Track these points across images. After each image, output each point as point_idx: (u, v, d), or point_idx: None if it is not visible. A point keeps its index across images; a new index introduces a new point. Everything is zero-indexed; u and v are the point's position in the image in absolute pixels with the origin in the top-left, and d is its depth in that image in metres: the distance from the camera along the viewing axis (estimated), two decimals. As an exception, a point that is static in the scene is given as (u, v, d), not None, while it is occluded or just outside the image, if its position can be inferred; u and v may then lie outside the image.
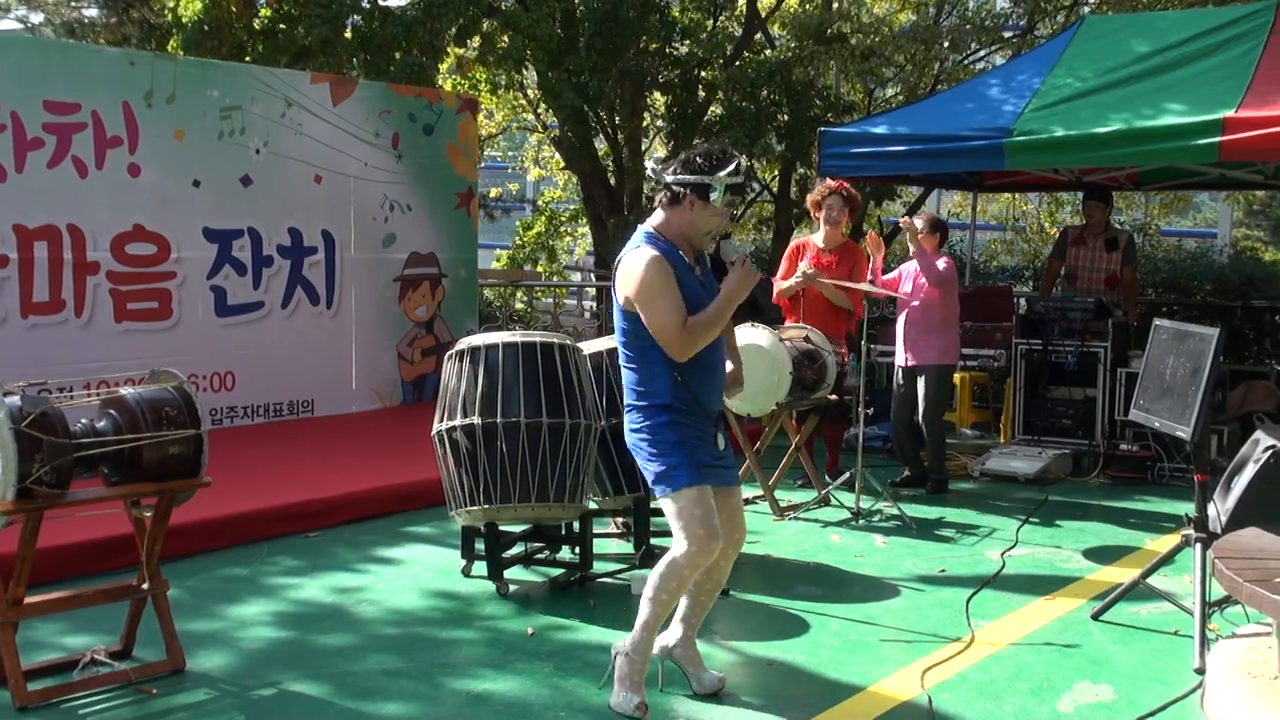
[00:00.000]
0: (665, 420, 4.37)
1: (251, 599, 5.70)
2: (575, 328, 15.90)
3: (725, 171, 4.36)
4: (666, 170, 4.44)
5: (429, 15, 12.29)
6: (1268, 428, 6.14)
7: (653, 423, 4.38)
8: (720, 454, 4.49)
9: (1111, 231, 9.86)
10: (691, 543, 4.30)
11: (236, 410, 9.63)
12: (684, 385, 4.36)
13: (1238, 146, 7.68)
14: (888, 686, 4.69)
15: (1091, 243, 9.74)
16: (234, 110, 9.55)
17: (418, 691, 4.58)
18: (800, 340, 7.71)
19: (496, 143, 21.35)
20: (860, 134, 9.41)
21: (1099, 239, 9.72)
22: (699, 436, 4.42)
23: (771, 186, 16.72)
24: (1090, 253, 9.72)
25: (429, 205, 11.14)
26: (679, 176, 4.39)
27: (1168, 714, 4.44)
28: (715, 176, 4.36)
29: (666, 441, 4.36)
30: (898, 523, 7.36)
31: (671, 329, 4.26)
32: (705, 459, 4.40)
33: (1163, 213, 20.34)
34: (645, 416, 4.40)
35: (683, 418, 4.38)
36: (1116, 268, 9.67)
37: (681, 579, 4.37)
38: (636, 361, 4.41)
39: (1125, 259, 9.70)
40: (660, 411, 4.37)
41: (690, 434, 4.39)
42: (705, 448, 4.43)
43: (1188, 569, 5.29)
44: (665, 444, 4.36)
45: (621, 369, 4.51)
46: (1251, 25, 8.69)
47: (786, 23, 16.49)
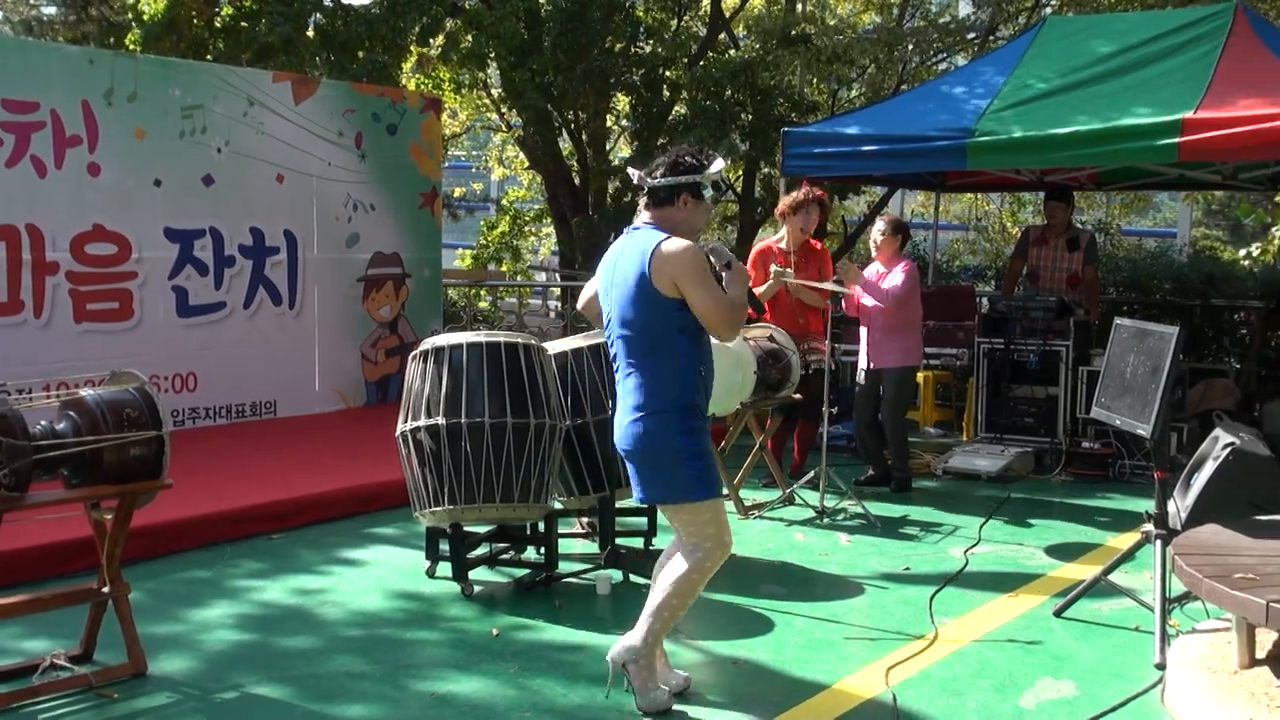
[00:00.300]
0: (694, 424, 4.39)
1: (214, 602, 5.66)
2: (540, 328, 15.88)
3: (713, 169, 4.47)
4: (654, 173, 4.47)
5: (392, 14, 12.25)
6: (1226, 425, 6.21)
7: (683, 426, 4.36)
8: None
9: (1073, 231, 9.92)
10: (719, 549, 4.40)
11: (198, 411, 9.56)
12: (700, 385, 4.40)
13: (1196, 147, 7.76)
14: (852, 684, 4.71)
15: (1053, 242, 9.80)
16: (195, 109, 9.48)
17: (382, 693, 4.56)
18: (765, 340, 7.73)
19: (460, 142, 21.32)
20: (824, 134, 9.44)
21: (1061, 239, 9.78)
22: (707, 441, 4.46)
23: (736, 187, 16.75)
24: (1052, 252, 9.78)
25: (393, 205, 11.09)
26: (672, 179, 4.43)
27: (1129, 709, 4.48)
28: (705, 174, 4.44)
29: (699, 447, 4.39)
30: (862, 521, 7.39)
31: (725, 306, 4.31)
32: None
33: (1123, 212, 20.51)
34: (672, 421, 4.36)
35: (698, 421, 4.42)
36: (1078, 267, 9.73)
37: (699, 587, 4.46)
38: (657, 359, 4.37)
39: (1087, 258, 9.77)
40: (688, 414, 4.38)
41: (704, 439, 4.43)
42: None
43: (1148, 565, 5.33)
44: (698, 450, 4.38)
45: (630, 372, 4.42)
46: (1210, 27, 8.78)
47: (751, 24, 16.53)
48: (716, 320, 4.32)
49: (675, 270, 4.28)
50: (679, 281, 4.29)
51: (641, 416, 4.37)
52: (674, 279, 4.29)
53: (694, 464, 4.35)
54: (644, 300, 4.34)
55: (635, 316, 4.37)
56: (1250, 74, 8.20)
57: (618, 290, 4.42)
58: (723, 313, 4.30)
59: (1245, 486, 5.71)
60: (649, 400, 4.36)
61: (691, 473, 4.35)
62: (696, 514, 4.38)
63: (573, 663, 4.90)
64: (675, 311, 4.32)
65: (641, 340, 4.38)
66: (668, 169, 4.44)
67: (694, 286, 4.28)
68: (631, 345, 4.40)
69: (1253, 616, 4.13)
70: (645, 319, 4.36)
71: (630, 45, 14.30)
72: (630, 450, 4.44)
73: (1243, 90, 7.97)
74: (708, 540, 4.38)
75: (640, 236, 4.43)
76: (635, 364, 4.40)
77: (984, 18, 15.57)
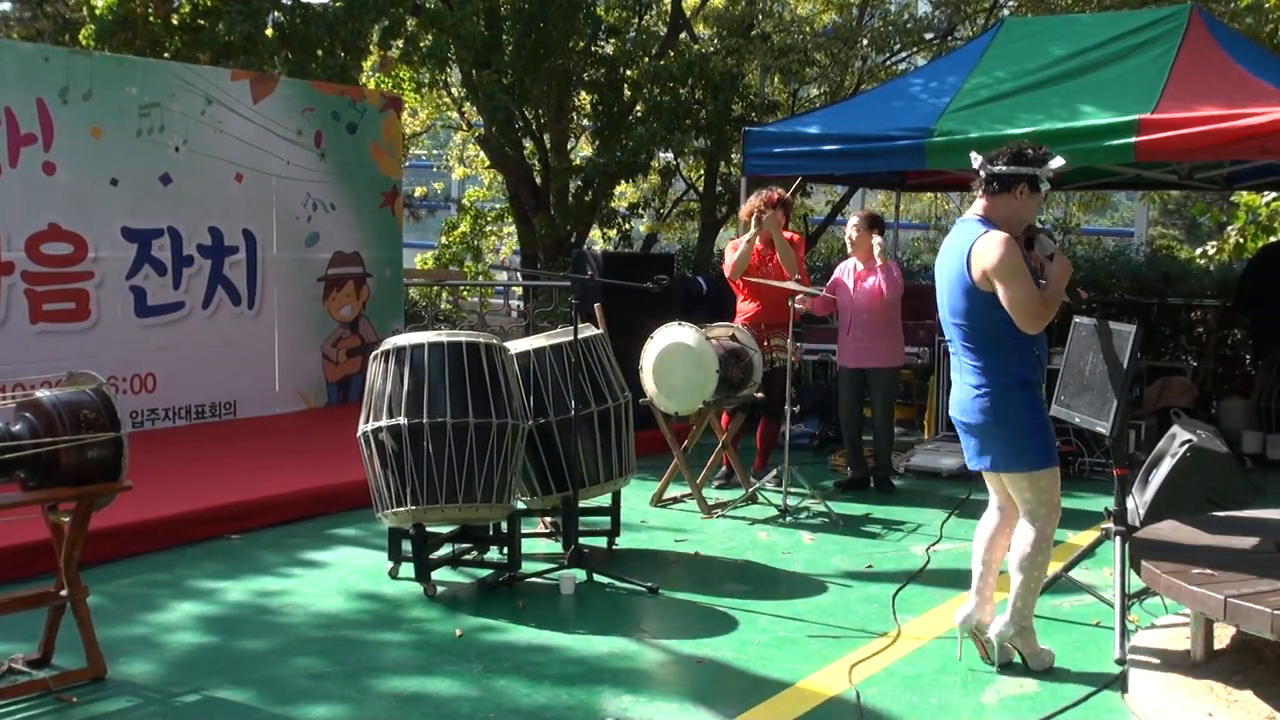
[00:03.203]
0: (1029, 399, 4.69)
1: (174, 604, 5.61)
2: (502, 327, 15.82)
3: (1054, 164, 4.74)
4: (997, 161, 4.75)
5: (351, 14, 12.18)
6: (1184, 422, 6.28)
7: (1022, 399, 4.68)
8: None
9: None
10: (1055, 513, 4.76)
11: (157, 412, 9.48)
12: (1035, 360, 4.70)
13: (1153, 147, 7.84)
14: (816, 682, 4.73)
15: None
16: (153, 107, 9.39)
17: (344, 695, 4.54)
18: (727, 339, 7.75)
19: (421, 141, 21.22)
20: (784, 133, 9.47)
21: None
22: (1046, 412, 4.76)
23: (697, 185, 16.77)
24: None
25: (353, 204, 11.04)
26: (1012, 168, 4.72)
27: (1089, 704, 4.52)
28: (1045, 168, 4.73)
29: (1039, 420, 4.70)
30: (825, 519, 7.42)
31: (1034, 300, 4.58)
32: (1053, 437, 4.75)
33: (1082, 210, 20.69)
34: (1014, 395, 4.67)
35: (1038, 394, 4.72)
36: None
37: (1050, 549, 4.78)
38: (993, 344, 4.68)
39: None
40: (1024, 389, 4.69)
41: (1045, 410, 4.76)
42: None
43: (1108, 562, 5.38)
44: (1038, 423, 4.69)
45: (967, 353, 4.75)
46: (1166, 29, 8.87)
47: (710, 19, 16.56)
48: (1022, 316, 4.59)
49: (985, 264, 4.61)
50: (992, 277, 4.59)
51: (986, 392, 4.70)
52: (983, 271, 4.61)
53: (1039, 435, 4.67)
54: (965, 294, 4.68)
55: (961, 307, 4.71)
56: (1205, 75, 8.29)
57: (944, 282, 4.79)
58: (1030, 308, 4.58)
59: (1202, 482, 5.79)
60: (990, 377, 4.69)
61: (1037, 442, 4.66)
62: (1037, 480, 4.68)
63: (536, 663, 4.89)
64: (996, 304, 4.62)
65: (972, 330, 4.70)
66: (1011, 158, 4.72)
67: (1005, 279, 4.58)
68: (964, 333, 4.74)
69: (1211, 612, 4.18)
70: (970, 310, 4.68)
71: (591, 44, 14.29)
72: (974, 424, 4.74)
73: (1198, 91, 8.06)
74: (1045, 506, 4.71)
75: (962, 231, 4.77)
76: (971, 348, 4.73)
77: (942, 18, 15.65)
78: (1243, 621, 4.01)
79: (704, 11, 16.80)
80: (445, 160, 23.38)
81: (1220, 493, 5.79)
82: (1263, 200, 13.21)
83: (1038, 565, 4.75)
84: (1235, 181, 10.85)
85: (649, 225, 18.42)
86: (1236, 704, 4.19)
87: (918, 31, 15.51)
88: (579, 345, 6.33)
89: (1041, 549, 4.74)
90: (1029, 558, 4.75)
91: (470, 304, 18.07)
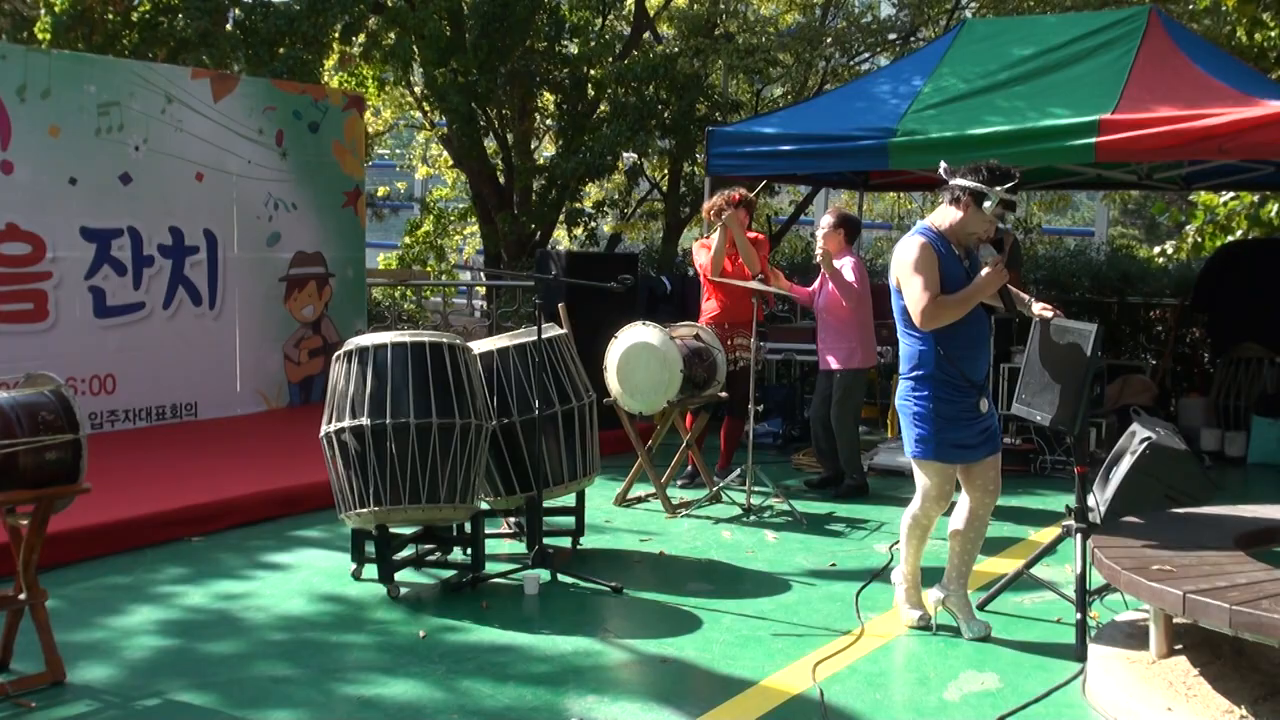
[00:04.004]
0: (923, 391, 5.05)
1: (134, 608, 5.56)
2: (465, 327, 15.78)
3: (1002, 186, 4.99)
4: (955, 173, 5.06)
5: (312, 10, 12.11)
6: (1144, 420, 6.33)
7: (917, 390, 5.07)
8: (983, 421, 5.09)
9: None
10: (933, 506, 5.17)
11: (117, 414, 9.39)
12: (946, 359, 5.00)
13: (1113, 147, 7.90)
14: (780, 680, 4.74)
15: None
16: (112, 106, 9.31)
17: (307, 698, 4.51)
18: (691, 338, 7.75)
19: (384, 140, 21.11)
20: (748, 133, 9.48)
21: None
22: (959, 410, 5.03)
23: (661, 184, 16.78)
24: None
25: (315, 204, 10.98)
26: (963, 181, 5.02)
27: (1051, 700, 4.55)
28: (992, 189, 4.99)
29: (925, 412, 5.04)
30: (788, 518, 7.44)
31: (918, 303, 4.94)
32: (958, 435, 5.04)
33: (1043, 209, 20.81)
34: (911, 385, 5.10)
35: (944, 391, 5.01)
36: None
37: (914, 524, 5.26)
38: (909, 337, 5.09)
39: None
40: (922, 382, 5.06)
41: (953, 408, 5.02)
42: (962, 421, 5.04)
43: (1069, 559, 5.42)
44: (923, 414, 5.04)
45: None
46: (1126, 30, 8.93)
47: (673, 18, 16.57)
48: (915, 313, 4.97)
49: (898, 265, 5.03)
50: (898, 275, 5.02)
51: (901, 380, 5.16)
52: (897, 273, 5.02)
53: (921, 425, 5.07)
54: (894, 291, 5.11)
55: (895, 302, 5.13)
56: (1164, 76, 8.36)
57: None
58: (921, 307, 4.93)
59: (1162, 479, 5.83)
60: (903, 367, 5.14)
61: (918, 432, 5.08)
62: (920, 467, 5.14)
63: (500, 663, 4.88)
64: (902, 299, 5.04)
65: (897, 323, 5.13)
66: (967, 173, 5.03)
67: (905, 280, 5.00)
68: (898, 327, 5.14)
69: (1170, 607, 4.22)
70: (896, 305, 5.12)
71: (554, 44, 14.27)
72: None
73: (1157, 92, 8.13)
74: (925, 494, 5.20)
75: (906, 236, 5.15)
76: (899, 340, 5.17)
77: (905, 19, 15.71)
78: (1201, 617, 4.04)
79: (668, 11, 16.80)
80: (408, 159, 23.27)
81: (1179, 489, 5.84)
82: (1220, 200, 13.35)
83: (912, 534, 5.29)
84: (1193, 181, 10.95)
85: (613, 225, 18.42)
86: (1195, 698, 4.23)
87: (881, 32, 15.56)
88: (543, 345, 6.32)
89: (911, 524, 5.28)
90: (907, 529, 5.30)
91: (434, 304, 18.01)
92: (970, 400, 5.05)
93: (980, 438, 5.12)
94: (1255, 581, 4.20)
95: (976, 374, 5.09)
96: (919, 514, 5.25)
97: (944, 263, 5.03)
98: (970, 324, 5.07)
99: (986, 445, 5.14)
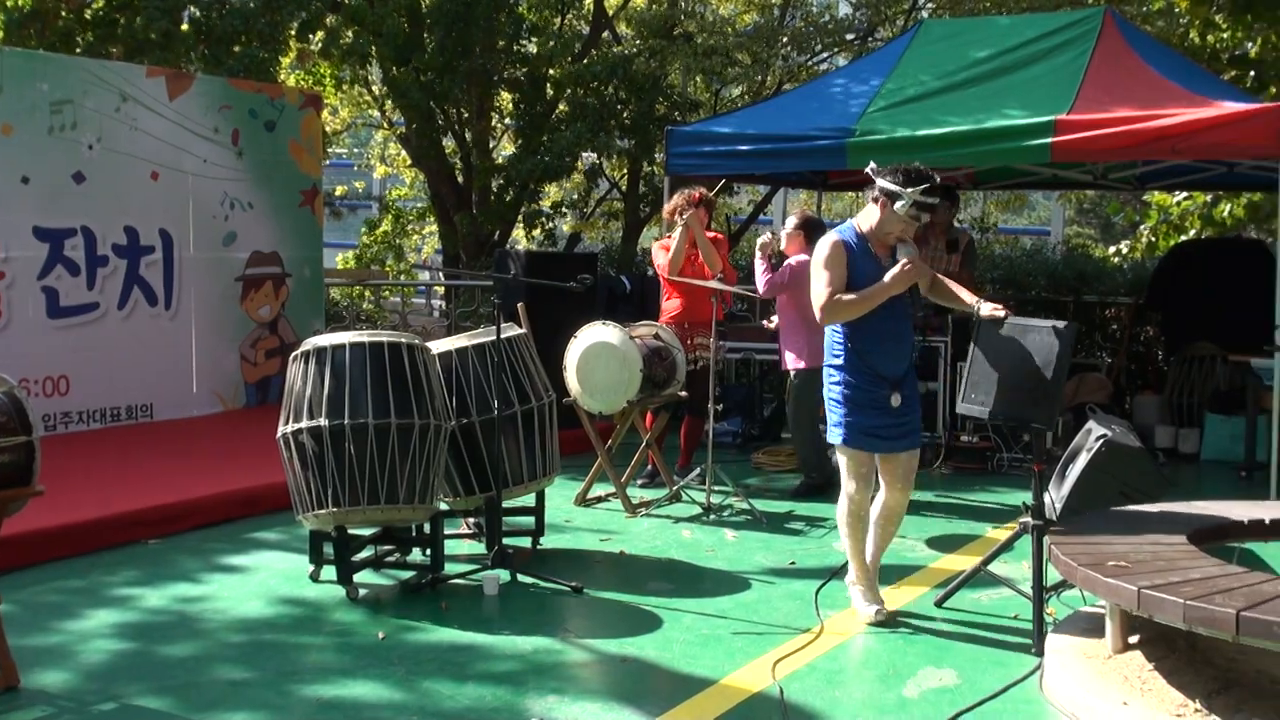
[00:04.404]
0: (840, 381, 5.31)
1: (90, 611, 5.50)
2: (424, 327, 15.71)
3: (915, 188, 5.09)
4: (880, 174, 5.20)
5: (269, 7, 12.01)
6: (1099, 418, 6.38)
7: (833, 381, 5.34)
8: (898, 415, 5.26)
9: (954, 232, 10.08)
10: (852, 490, 5.35)
11: (71, 416, 9.29)
12: (856, 352, 5.23)
13: (1068, 147, 7.97)
14: (740, 679, 4.75)
15: (934, 242, 9.91)
16: (65, 104, 9.20)
17: (266, 700, 4.48)
18: (650, 338, 7.76)
19: (341, 139, 21.00)
20: (707, 133, 9.49)
21: (941, 239, 9.91)
22: (868, 398, 5.24)
23: (620, 184, 16.77)
24: (931, 252, 9.88)
25: (271, 203, 10.90)
26: (881, 181, 5.17)
27: (1008, 696, 4.58)
28: (905, 190, 5.09)
29: (834, 398, 5.34)
30: (748, 517, 7.46)
31: (818, 299, 5.22)
32: (869, 423, 5.25)
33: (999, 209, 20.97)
34: (828, 375, 5.38)
35: (857, 378, 5.25)
36: (956, 269, 9.86)
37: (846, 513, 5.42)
38: (828, 329, 5.34)
39: (964, 262, 9.88)
40: (834, 370, 5.34)
41: (861, 395, 5.25)
42: (873, 410, 5.25)
43: (1026, 555, 5.46)
44: (833, 400, 5.34)
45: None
46: (1081, 31, 9.01)
47: (632, 19, 16.57)
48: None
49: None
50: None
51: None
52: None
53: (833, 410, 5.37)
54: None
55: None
56: (1119, 77, 8.44)
57: None
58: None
59: (1117, 477, 5.87)
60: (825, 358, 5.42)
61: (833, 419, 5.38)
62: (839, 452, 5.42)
63: (460, 663, 4.87)
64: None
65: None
66: (886, 174, 5.18)
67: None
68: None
69: (1125, 603, 4.25)
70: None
71: (513, 43, 14.23)
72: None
73: (1112, 92, 8.21)
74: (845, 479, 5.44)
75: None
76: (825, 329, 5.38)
77: (862, 19, 15.78)
78: (1156, 612, 4.08)
79: (626, 12, 16.80)
80: (366, 159, 23.16)
81: (1134, 486, 5.89)
82: (1174, 200, 13.50)
83: (846, 525, 5.44)
84: (1148, 181, 11.06)
85: (573, 224, 18.39)
86: (1150, 692, 4.27)
87: (838, 32, 15.63)
88: (502, 345, 6.31)
89: (843, 513, 5.45)
90: (841, 522, 5.49)
91: (392, 304, 17.94)
92: (882, 393, 5.25)
93: (896, 430, 5.31)
94: (1208, 577, 4.25)
95: (887, 369, 5.27)
96: (843, 501, 5.44)
97: (858, 261, 5.23)
98: (882, 320, 5.23)
99: (904, 440, 5.34)
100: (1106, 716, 4.17)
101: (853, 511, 5.42)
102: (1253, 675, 4.41)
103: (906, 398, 5.32)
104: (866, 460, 5.35)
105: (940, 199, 9.85)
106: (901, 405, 5.28)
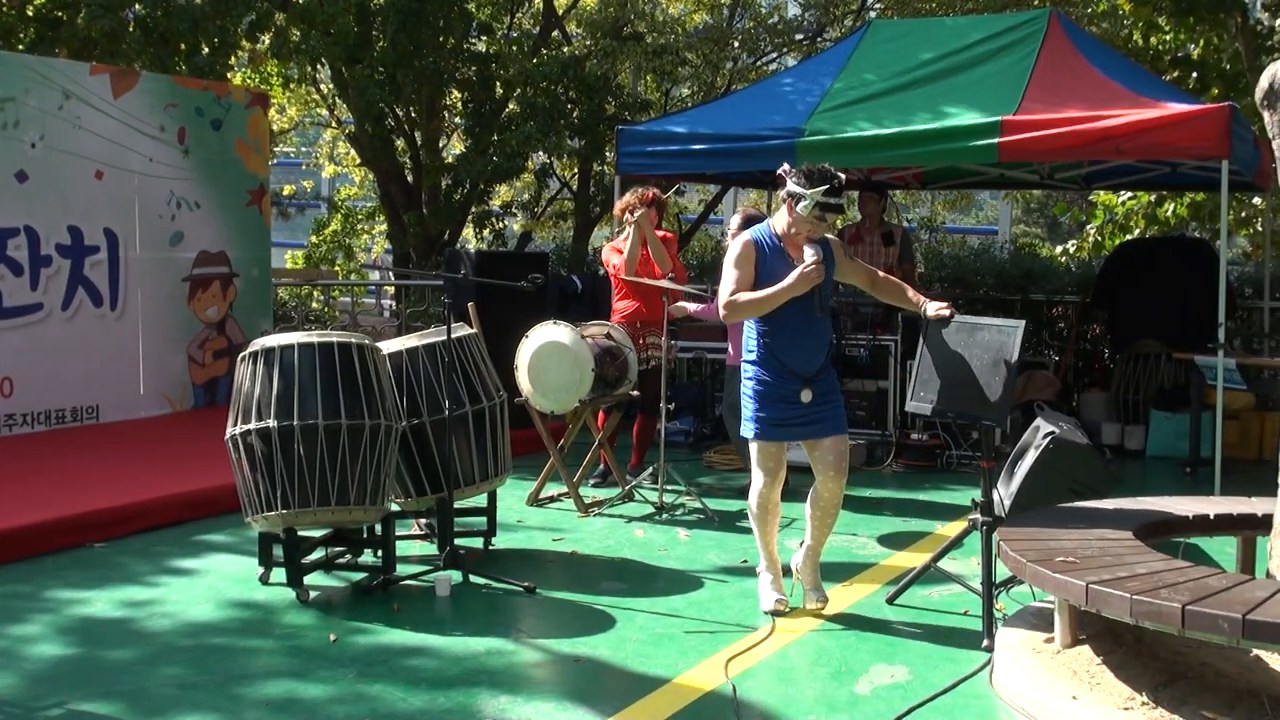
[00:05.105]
0: (752, 375, 5.42)
1: (34, 616, 5.43)
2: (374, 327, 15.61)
3: (816, 189, 5.17)
4: (789, 175, 5.29)
5: (218, 9, 11.89)
6: (1047, 415, 6.44)
7: (746, 375, 5.45)
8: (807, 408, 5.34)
9: (887, 226, 10.14)
10: (760, 482, 5.46)
11: (15, 418, 9.16)
12: (768, 348, 5.34)
13: (1015, 148, 8.05)
14: (693, 677, 4.76)
15: (868, 238, 9.96)
16: (7, 102, 9.07)
17: (214, 704, 4.44)
18: (602, 337, 7.75)
19: (290, 138, 20.83)
20: (657, 132, 9.50)
21: (875, 234, 9.97)
22: (779, 393, 5.33)
23: (571, 184, 16.74)
24: (868, 248, 9.93)
25: (218, 202, 10.80)
26: (789, 183, 5.26)
27: (959, 691, 4.62)
28: (808, 191, 5.18)
29: (750, 393, 5.41)
30: (700, 516, 7.47)
31: (720, 298, 5.38)
32: (780, 415, 5.35)
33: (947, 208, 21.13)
34: (743, 369, 5.48)
35: (768, 373, 5.35)
36: (894, 262, 9.91)
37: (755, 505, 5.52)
38: (745, 324, 5.46)
39: (902, 255, 9.94)
40: (750, 366, 5.44)
41: (772, 390, 5.34)
42: (784, 404, 5.34)
43: (976, 552, 5.50)
44: (748, 394, 5.42)
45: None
46: (1027, 32, 9.09)
47: (582, 19, 16.56)
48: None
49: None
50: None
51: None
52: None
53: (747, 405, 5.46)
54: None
55: None
56: (1064, 77, 8.53)
57: None
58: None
59: (1065, 473, 5.94)
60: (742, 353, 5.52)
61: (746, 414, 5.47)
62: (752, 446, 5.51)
63: (412, 666, 4.85)
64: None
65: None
66: (796, 174, 5.26)
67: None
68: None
69: (1073, 598, 4.30)
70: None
71: (463, 42, 14.18)
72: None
73: (1058, 93, 8.29)
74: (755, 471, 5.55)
75: None
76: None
77: (811, 19, 15.85)
78: (1103, 607, 4.13)
79: (575, 12, 16.78)
80: (315, 158, 22.99)
81: (1082, 483, 5.95)
82: (1119, 199, 13.67)
83: (754, 517, 5.57)
84: (1093, 181, 11.19)
85: (523, 224, 18.35)
86: (1099, 686, 4.32)
87: (787, 32, 15.69)
88: (452, 345, 6.28)
89: (751, 506, 5.56)
90: (751, 514, 5.59)
91: (342, 304, 17.82)
92: (794, 388, 5.34)
93: (809, 418, 5.37)
94: (1154, 571, 4.30)
95: (800, 365, 5.35)
96: (751, 494, 5.55)
97: (767, 261, 5.33)
98: (793, 318, 5.31)
99: (819, 425, 5.38)
100: (1056, 710, 4.22)
101: (760, 504, 5.51)
102: (1198, 668, 4.48)
103: (821, 394, 5.37)
104: (775, 454, 5.45)
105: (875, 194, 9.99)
106: (814, 400, 5.34)
